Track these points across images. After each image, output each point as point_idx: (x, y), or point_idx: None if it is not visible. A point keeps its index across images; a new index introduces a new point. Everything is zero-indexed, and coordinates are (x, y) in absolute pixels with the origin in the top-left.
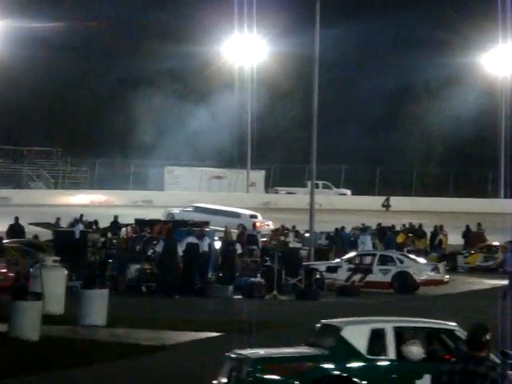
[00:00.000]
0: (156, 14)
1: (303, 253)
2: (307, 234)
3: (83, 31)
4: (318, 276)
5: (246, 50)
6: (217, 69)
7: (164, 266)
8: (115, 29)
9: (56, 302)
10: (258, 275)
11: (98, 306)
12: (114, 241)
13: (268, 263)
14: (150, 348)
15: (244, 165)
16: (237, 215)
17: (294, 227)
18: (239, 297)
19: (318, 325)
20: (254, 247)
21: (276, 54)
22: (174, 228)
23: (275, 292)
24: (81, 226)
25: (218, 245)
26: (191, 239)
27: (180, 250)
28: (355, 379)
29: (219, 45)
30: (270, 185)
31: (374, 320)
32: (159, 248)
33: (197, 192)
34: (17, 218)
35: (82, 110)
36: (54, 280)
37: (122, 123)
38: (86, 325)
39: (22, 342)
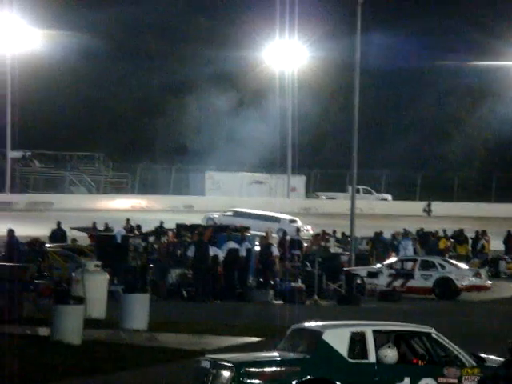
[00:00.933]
0: (198, 18)
1: (344, 258)
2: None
3: (125, 36)
4: (358, 281)
5: (286, 55)
6: (258, 74)
7: (196, 271)
8: (157, 34)
9: (98, 307)
10: (299, 280)
11: (139, 310)
12: (156, 245)
13: (309, 268)
14: (190, 352)
15: (284, 170)
16: (277, 220)
17: (334, 232)
18: (280, 302)
19: (290, 329)
20: (297, 252)
21: (317, 59)
22: (214, 233)
23: (316, 297)
24: (122, 231)
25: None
26: (231, 244)
27: (221, 254)
28: (338, 383)
29: (260, 50)
30: (311, 190)
31: (352, 324)
32: (190, 252)
33: (237, 197)
34: (59, 223)
35: (123, 115)
36: (96, 284)
37: (163, 128)
38: (127, 329)
39: (65, 346)
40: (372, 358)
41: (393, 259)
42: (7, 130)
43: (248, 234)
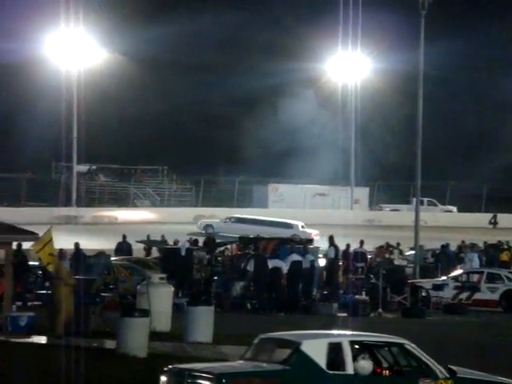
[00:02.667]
0: (261, 31)
1: (408, 270)
2: (411, 252)
3: (188, 50)
4: (423, 294)
5: (349, 67)
6: (321, 86)
7: (255, 283)
8: (220, 47)
9: (163, 319)
10: (363, 293)
11: (203, 323)
12: (219, 258)
13: (373, 280)
14: None
15: (348, 182)
16: (289, 226)
17: (398, 244)
18: (344, 314)
19: (258, 339)
20: (361, 264)
21: (380, 71)
22: (278, 245)
23: (380, 310)
24: (187, 244)
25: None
26: (295, 257)
27: (284, 267)
28: None
29: (323, 62)
30: (374, 202)
31: (328, 334)
32: (250, 266)
33: (300, 209)
34: (124, 236)
35: (187, 128)
36: (161, 297)
37: (227, 141)
38: (191, 342)
39: (130, 359)
40: (350, 370)
41: (458, 272)
42: (73, 145)
43: (311, 247)
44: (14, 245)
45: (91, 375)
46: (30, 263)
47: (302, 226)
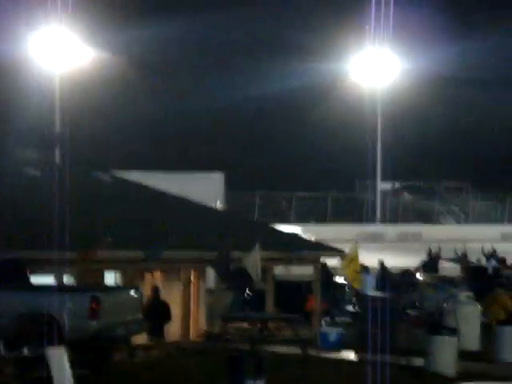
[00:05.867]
0: None
1: None
2: None
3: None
4: None
5: None
6: None
7: None
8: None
9: (471, 338)
10: None
11: None
12: None
13: None
14: None
15: None
16: None
17: None
18: None
19: None
20: None
21: None
22: None
23: None
24: (493, 262)
25: None
26: None
27: None
28: None
29: None
30: None
31: None
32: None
33: None
34: (430, 253)
35: (492, 141)
36: (468, 315)
37: None
38: (502, 362)
39: (440, 378)
40: None
41: None
42: (377, 162)
43: None
44: None
45: None
46: (337, 280)
47: None
